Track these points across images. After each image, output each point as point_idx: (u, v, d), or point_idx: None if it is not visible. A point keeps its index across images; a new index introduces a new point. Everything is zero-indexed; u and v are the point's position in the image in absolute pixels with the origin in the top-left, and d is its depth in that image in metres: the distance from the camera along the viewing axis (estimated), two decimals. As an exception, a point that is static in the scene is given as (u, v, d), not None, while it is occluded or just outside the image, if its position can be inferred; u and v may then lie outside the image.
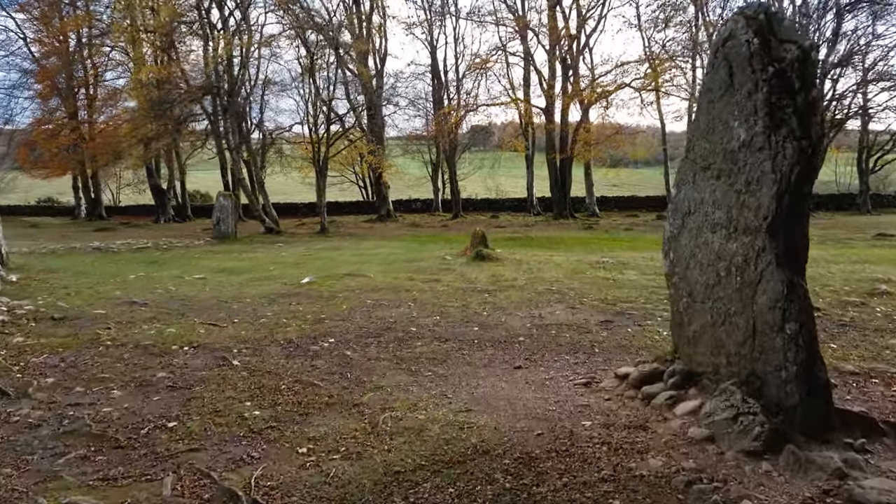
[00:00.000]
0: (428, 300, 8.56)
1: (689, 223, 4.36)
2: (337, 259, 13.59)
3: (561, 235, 22.74)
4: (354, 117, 28.04)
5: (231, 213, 20.03)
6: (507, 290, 9.33)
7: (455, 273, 11.20)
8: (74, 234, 24.55)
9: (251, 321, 7.10)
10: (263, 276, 10.91)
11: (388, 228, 28.71)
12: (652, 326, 6.77)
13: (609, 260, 12.90)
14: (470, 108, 32.56)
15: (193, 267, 12.26)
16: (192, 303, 8.09)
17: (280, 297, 8.75)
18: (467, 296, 8.90)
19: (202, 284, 9.74)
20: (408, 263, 12.65)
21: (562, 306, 8.18)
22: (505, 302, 8.42)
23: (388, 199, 36.61)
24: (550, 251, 16.23)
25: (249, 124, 36.13)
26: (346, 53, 31.45)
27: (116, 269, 11.08)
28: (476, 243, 13.73)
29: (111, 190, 57.84)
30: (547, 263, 12.51)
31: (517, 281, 10.27)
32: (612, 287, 9.61)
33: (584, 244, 19.09)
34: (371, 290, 9.42)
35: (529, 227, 28.85)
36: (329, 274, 11.14)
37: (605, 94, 29.54)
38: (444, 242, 19.63)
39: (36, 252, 14.57)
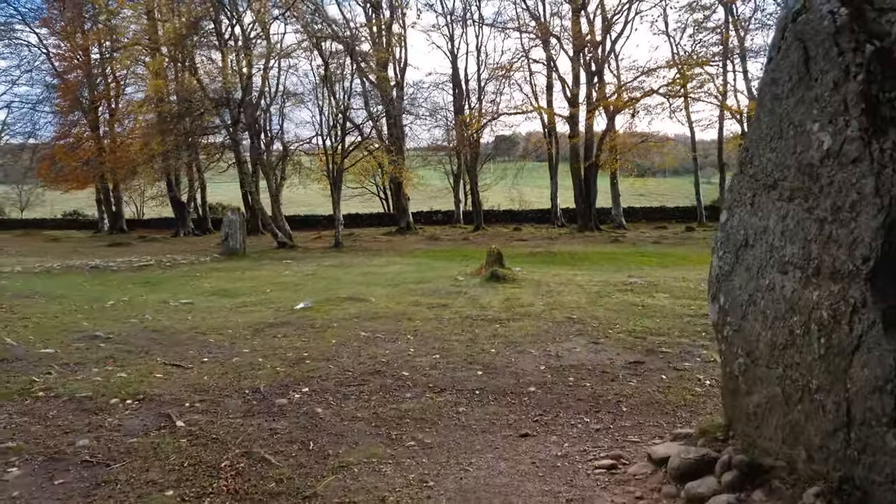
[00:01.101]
0: (430, 332, 7.55)
1: (745, 258, 3.30)
2: (342, 279, 12.68)
3: (585, 250, 21.57)
4: (372, 126, 27.20)
5: (240, 228, 19.31)
6: (521, 320, 8.27)
7: (466, 297, 10.18)
8: (86, 249, 24.11)
9: (222, 360, 6.17)
10: (257, 300, 10.02)
11: (405, 242, 27.80)
12: (690, 370, 5.67)
13: (637, 280, 11.75)
14: (492, 116, 31.56)
15: (187, 289, 11.44)
16: (165, 336, 7.20)
17: (266, 328, 7.83)
18: (476, 326, 7.87)
19: (186, 311, 8.87)
20: (416, 285, 11.67)
21: (583, 341, 7.10)
22: (518, 335, 7.37)
23: (407, 211, 35.78)
24: (573, 269, 15.12)
25: (269, 136, 35.75)
26: (365, 63, 30.81)
27: (100, 293, 10.30)
28: (491, 262, 12.69)
29: (135, 203, 58.14)
30: (568, 285, 11.41)
31: (534, 307, 9.20)
32: (640, 315, 8.49)
33: (609, 260, 17.92)
34: (369, 318, 8.44)
35: (553, 240, 27.70)
36: (328, 297, 10.21)
37: (633, 101, 28.32)
38: (461, 259, 18.62)
39: (28, 271, 13.95)
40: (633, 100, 28.43)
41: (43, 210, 64.90)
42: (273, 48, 29.90)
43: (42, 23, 34.94)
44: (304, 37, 27.46)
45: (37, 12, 36.61)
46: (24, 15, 36.83)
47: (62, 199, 60.48)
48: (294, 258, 18.97)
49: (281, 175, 40.30)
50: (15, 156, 44.73)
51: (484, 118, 32.11)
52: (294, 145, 35.39)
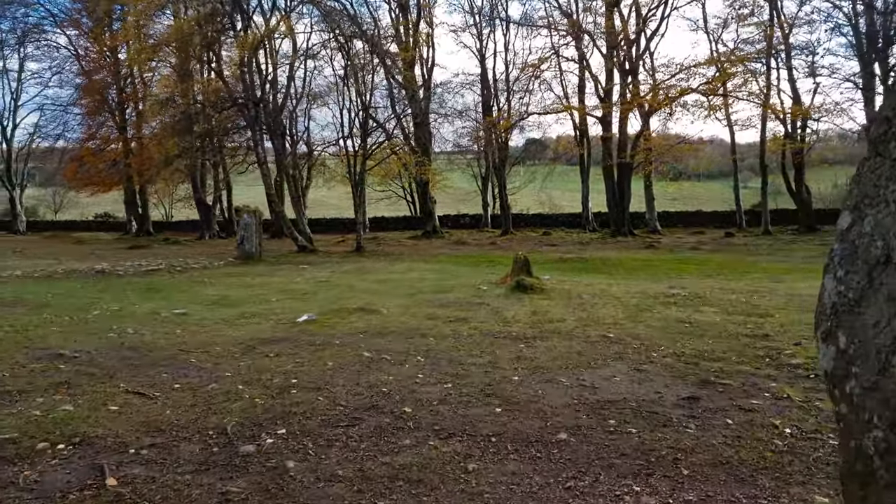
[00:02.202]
0: (445, 352, 6.54)
1: (888, 282, 2.21)
2: (356, 287, 11.74)
3: (619, 256, 20.33)
4: (396, 124, 26.34)
5: (256, 231, 18.57)
6: (549, 338, 7.21)
7: (488, 309, 9.14)
8: (105, 252, 23.70)
9: (196, 387, 5.25)
10: (258, 311, 9.14)
11: (430, 246, 26.85)
12: (761, 412, 4.55)
13: (680, 291, 10.57)
14: (521, 116, 30.46)
15: (187, 297, 10.63)
16: (140, 355, 6.32)
17: (259, 345, 6.91)
18: (497, 346, 6.83)
19: (176, 323, 8.02)
20: (435, 294, 10.66)
21: (623, 367, 6.01)
22: (545, 357, 6.31)
23: (434, 215, 34.86)
24: (607, 277, 13.95)
25: (294, 138, 35.23)
26: (391, 62, 30.02)
27: (90, 301, 9.53)
28: (517, 270, 11.63)
29: (163, 205, 58.41)
30: (603, 296, 10.29)
31: (564, 323, 8.13)
32: (688, 335, 7.35)
33: (646, 267, 16.69)
34: (377, 335, 7.47)
35: (584, 245, 26.46)
36: (337, 308, 9.28)
37: (669, 100, 26.95)
38: (486, 265, 17.57)
39: (28, 276, 13.34)
40: (669, 98, 27.04)
41: (76, 212, 65.79)
42: (299, 49, 29.37)
43: (71, 23, 34.97)
44: (328, 35, 26.76)
45: (68, 12, 36.74)
46: (55, 16, 36.94)
47: (94, 202, 61.14)
48: (311, 263, 18.15)
49: (306, 178, 39.89)
50: (46, 159, 45.10)
51: (513, 118, 31.00)
52: (318, 147, 34.87)
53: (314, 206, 55.21)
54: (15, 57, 40.98)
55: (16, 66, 41.48)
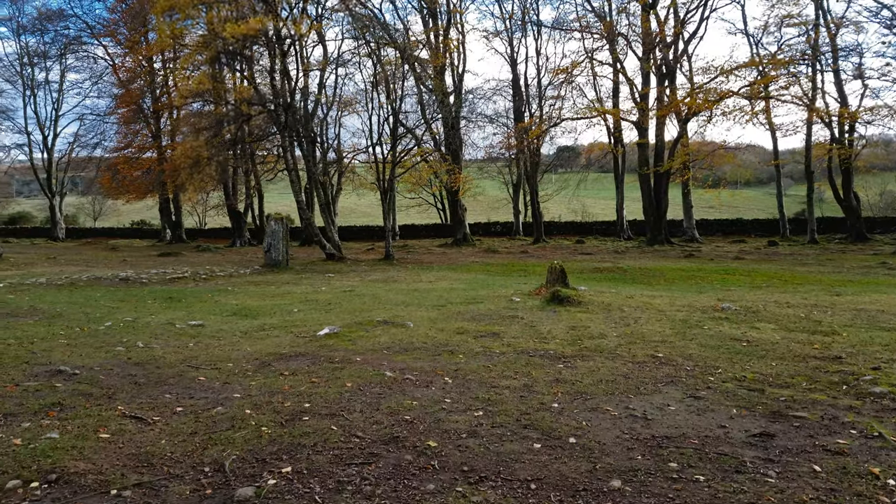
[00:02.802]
0: (475, 373, 5.93)
1: None
2: (381, 298, 11.20)
3: (658, 266, 19.44)
4: (426, 129, 25.85)
5: (282, 238, 18.22)
6: (591, 357, 6.54)
7: (522, 323, 8.50)
8: (136, 259, 23.69)
9: (200, 411, 4.73)
10: (278, 323, 8.65)
11: (460, 254, 26.27)
12: (853, 455, 3.83)
13: (730, 305, 9.76)
14: (554, 121, 29.71)
15: (207, 307, 10.22)
16: (146, 371, 5.86)
17: (275, 361, 6.39)
18: (533, 366, 6.19)
19: (190, 336, 7.56)
20: (465, 306, 10.06)
21: (677, 393, 5.32)
22: (588, 381, 5.65)
23: (464, 223, 34.29)
24: (648, 289, 13.17)
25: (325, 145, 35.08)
26: (421, 69, 29.64)
27: (106, 312, 9.18)
28: (553, 280, 10.96)
29: (197, 213, 59.10)
30: (646, 310, 9.55)
31: (606, 339, 7.44)
32: (747, 355, 6.61)
33: (688, 278, 15.82)
34: (402, 351, 6.90)
35: (620, 254, 25.56)
36: (361, 320, 8.74)
37: (709, 103, 25.93)
38: (519, 274, 16.90)
39: (51, 283, 13.15)
40: (709, 102, 26.02)
41: (114, 219, 67.17)
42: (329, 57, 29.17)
43: (107, 32, 35.49)
44: (359, 41, 26.49)
45: (105, 23, 37.33)
46: (92, 28, 37.58)
47: (131, 210, 62.35)
48: (338, 271, 17.71)
49: (337, 186, 39.73)
50: (85, 167, 45.93)
51: (545, 123, 30.28)
52: (349, 154, 34.61)
53: (345, 213, 55.22)
54: (56, 68, 41.92)
55: (57, 78, 42.41)
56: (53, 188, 43.80)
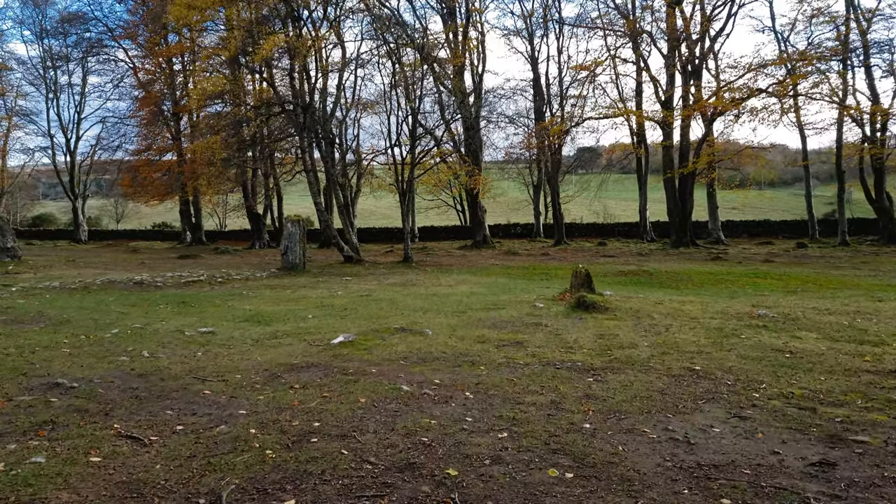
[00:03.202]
0: (498, 387, 5.52)
1: None
2: (399, 303, 10.82)
3: (685, 269, 18.82)
4: (445, 129, 25.46)
5: (299, 241, 17.95)
6: (622, 370, 6.09)
7: (546, 331, 8.06)
8: (154, 262, 23.62)
9: (201, 430, 4.39)
10: (292, 330, 8.31)
11: (480, 257, 25.83)
12: (932, 492, 3.35)
13: (767, 312, 9.22)
14: (576, 121, 29.16)
15: (220, 312, 9.93)
16: (149, 384, 5.54)
17: (285, 373, 6.04)
18: (560, 379, 5.77)
19: (199, 344, 7.24)
20: (486, 312, 9.64)
21: (720, 411, 4.87)
22: (621, 397, 5.21)
23: (484, 224, 33.83)
24: (677, 294, 12.63)
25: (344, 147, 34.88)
26: (440, 69, 29.29)
27: (115, 318, 8.92)
28: (578, 285, 10.50)
29: (218, 215, 59.40)
30: (677, 317, 9.06)
31: (637, 350, 6.98)
32: (792, 368, 6.11)
33: (717, 281, 15.22)
34: (420, 361, 6.51)
35: (644, 256, 24.93)
36: (377, 327, 8.37)
37: (736, 102, 25.20)
38: (541, 278, 16.43)
39: (65, 287, 12.96)
40: (736, 100, 25.29)
41: (136, 222, 67.82)
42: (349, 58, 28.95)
43: (127, 34, 35.66)
44: (377, 42, 26.20)
45: (125, 24, 37.57)
46: (113, 31, 37.83)
47: (153, 212, 62.85)
48: (356, 275, 17.39)
49: (356, 187, 39.51)
50: (107, 170, 46.30)
51: (566, 123, 29.73)
52: (368, 155, 34.34)
53: (365, 215, 55.08)
54: (78, 71, 42.32)
55: (79, 81, 42.80)
56: (76, 190, 44.19)
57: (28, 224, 59.30)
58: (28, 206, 65.68)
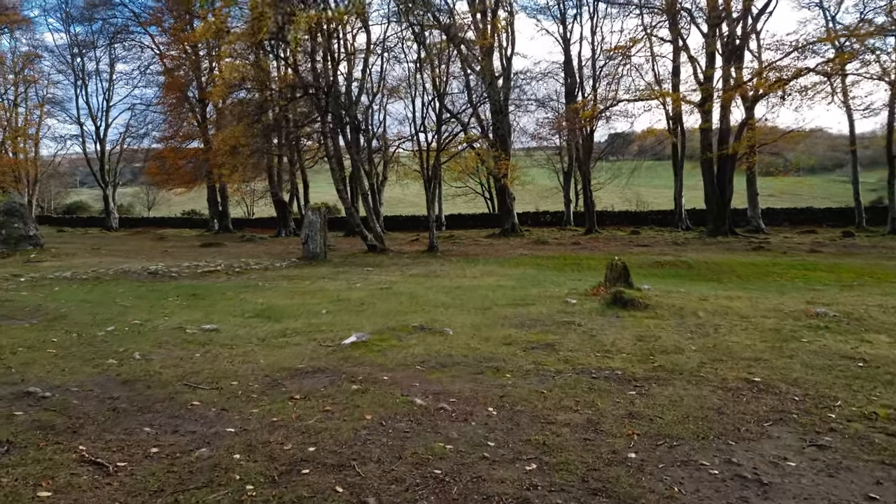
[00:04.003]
0: (525, 401, 4.80)
1: None
2: (420, 297, 10.13)
3: (726, 259, 17.78)
4: (472, 114, 24.57)
5: (320, 229, 17.37)
6: (669, 381, 5.31)
7: (580, 332, 7.28)
8: (178, 250, 23.37)
9: (178, 453, 3.77)
10: (302, 327, 7.69)
11: (508, 246, 25.02)
12: None
13: (826, 311, 8.30)
14: (609, 103, 27.99)
15: (230, 306, 9.37)
16: (134, 392, 4.95)
17: (288, 379, 5.41)
18: (597, 392, 5.01)
19: (199, 344, 6.66)
20: (513, 308, 8.89)
21: (792, 437, 4.08)
22: (670, 416, 4.44)
23: (512, 212, 32.95)
24: (720, 288, 11.71)
25: (370, 133, 34.29)
26: (468, 50, 28.39)
27: (115, 312, 8.40)
28: (614, 279, 9.68)
29: (245, 202, 59.47)
30: (725, 315, 8.20)
31: (684, 355, 6.17)
32: (868, 380, 5.27)
33: (763, 274, 14.22)
34: (438, 367, 5.81)
35: (680, 246, 23.84)
36: (394, 325, 7.69)
37: (781, 83, 23.80)
38: (572, 269, 15.59)
39: (75, 278, 12.56)
40: (781, 81, 23.88)
41: (167, 209, 68.41)
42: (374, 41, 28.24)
43: (152, 20, 35.43)
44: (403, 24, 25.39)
45: (150, 11, 37.38)
46: (138, 16, 37.67)
47: (183, 200, 63.23)
48: (378, 265, 16.76)
49: (383, 175, 38.92)
50: (136, 157, 46.50)
51: (599, 106, 28.58)
52: (394, 142, 33.71)
53: (392, 203, 54.52)
54: (105, 58, 42.41)
55: (107, 68, 42.92)
56: (106, 178, 44.47)
57: (62, 211, 60.24)
58: (62, 194, 66.76)
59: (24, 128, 43.71)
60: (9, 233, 18.06)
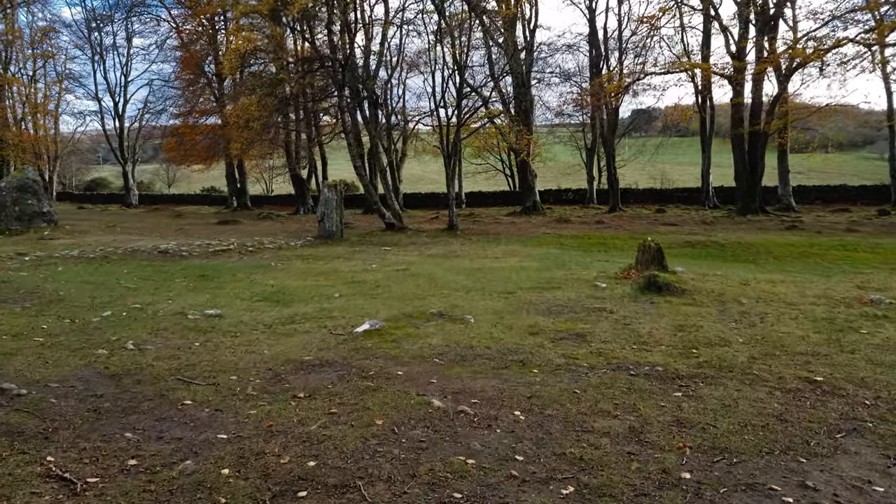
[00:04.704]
0: (557, 402, 4.24)
1: None
2: (439, 279, 9.58)
3: (760, 239, 16.95)
4: (493, 87, 23.71)
5: (336, 207, 16.84)
6: (717, 379, 4.71)
7: (612, 320, 6.68)
8: (194, 228, 23.06)
9: (160, 466, 3.28)
10: (312, 312, 7.18)
11: (530, 224, 24.32)
12: None
13: (881, 297, 7.60)
14: (636, 76, 26.87)
15: (239, 288, 8.91)
16: (120, 389, 4.48)
17: (292, 373, 4.91)
18: (638, 393, 4.43)
19: (200, 331, 6.19)
20: (538, 293, 8.29)
21: (871, 451, 3.50)
22: (725, 425, 3.86)
23: (534, 190, 32.09)
24: (759, 270, 10.98)
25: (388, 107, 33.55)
26: (489, 21, 27.40)
27: (115, 295, 7.95)
28: (646, 261, 9.03)
29: (265, 179, 59.20)
30: (770, 302, 7.53)
31: (731, 348, 5.56)
32: (950, 382, 4.61)
33: (801, 255, 13.43)
34: (458, 360, 5.28)
35: (709, 225, 22.95)
36: (411, 311, 7.16)
37: (820, 53, 22.58)
38: (598, 249, 14.92)
39: (83, 256, 12.19)
40: (820, 51, 22.65)
41: (187, 186, 68.44)
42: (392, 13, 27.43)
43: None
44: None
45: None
46: (154, -11, 37.08)
47: (203, 177, 63.15)
48: (396, 244, 16.22)
49: (402, 151, 38.22)
50: (154, 134, 46.26)
51: (626, 80, 27.48)
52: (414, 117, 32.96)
53: (413, 180, 53.79)
54: (122, 33, 41.98)
55: (124, 42, 42.50)
56: (125, 155, 44.33)
57: (83, 188, 60.51)
58: (83, 171, 67.04)
59: (44, 103, 43.59)
60: (22, 209, 17.81)
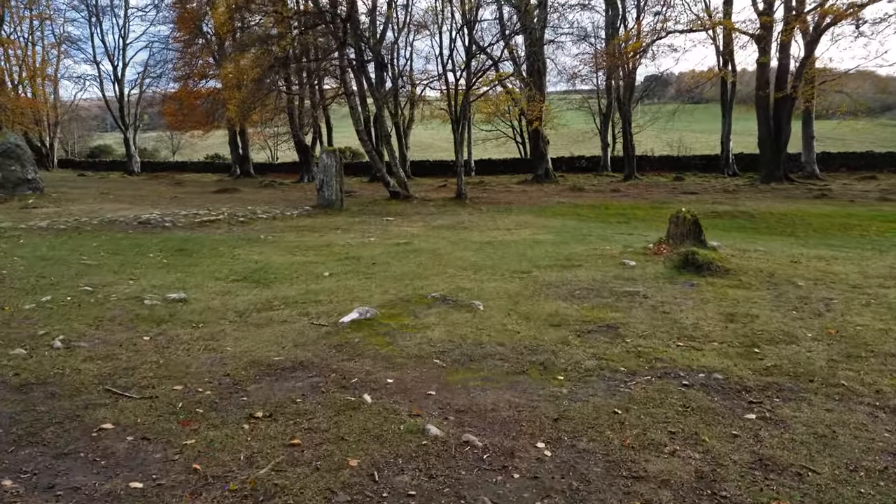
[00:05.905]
0: (592, 427, 3.21)
1: None
2: (444, 255, 8.51)
3: (790, 209, 15.72)
4: (504, 46, 22.23)
5: (336, 175, 15.70)
6: (796, 393, 3.64)
7: (647, 307, 5.60)
8: (189, 196, 22.03)
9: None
10: (295, 296, 6.15)
11: (543, 193, 23.11)
12: None
13: (961, 279, 6.45)
14: (657, 34, 25.24)
15: (217, 264, 7.88)
16: (23, 406, 3.50)
17: (254, 382, 3.90)
18: (696, 414, 3.38)
19: (154, 322, 5.17)
20: (557, 272, 7.20)
21: None
22: (827, 468, 2.81)
23: (546, 157, 30.76)
24: (802, 244, 9.83)
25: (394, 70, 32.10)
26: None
27: (70, 274, 6.94)
28: (680, 235, 7.91)
29: (269, 146, 57.88)
30: (831, 284, 6.42)
31: (803, 349, 4.48)
32: None
33: (842, 226, 12.25)
34: (463, 362, 4.24)
35: (732, 193, 21.66)
36: (409, 295, 6.11)
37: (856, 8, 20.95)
38: (618, 220, 13.77)
39: (51, 226, 11.16)
40: (856, 6, 21.01)
41: (191, 153, 67.19)
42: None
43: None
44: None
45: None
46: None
47: (207, 145, 61.87)
48: (400, 213, 15.13)
49: (409, 117, 36.79)
50: (153, 100, 44.92)
51: (647, 38, 25.87)
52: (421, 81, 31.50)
53: (422, 147, 52.31)
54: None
55: (121, 3, 40.96)
56: (126, 121, 43.12)
57: (86, 155, 59.44)
58: (86, 138, 65.93)
59: (42, 67, 42.34)
60: (5, 176, 16.79)
